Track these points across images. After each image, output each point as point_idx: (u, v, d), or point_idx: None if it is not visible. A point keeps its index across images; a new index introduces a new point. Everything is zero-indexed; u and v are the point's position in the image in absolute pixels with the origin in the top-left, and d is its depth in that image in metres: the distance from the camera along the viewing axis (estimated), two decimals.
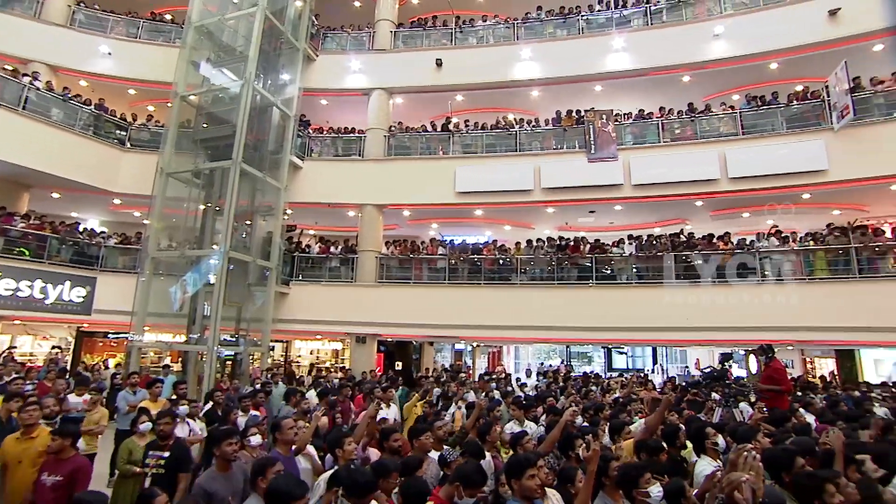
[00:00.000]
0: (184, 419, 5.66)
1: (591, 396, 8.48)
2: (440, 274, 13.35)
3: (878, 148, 11.25)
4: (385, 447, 4.39)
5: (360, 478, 2.93)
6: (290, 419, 4.32)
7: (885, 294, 10.47)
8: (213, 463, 3.74)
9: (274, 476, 2.99)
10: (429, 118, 15.59)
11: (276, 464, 3.15)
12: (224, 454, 3.61)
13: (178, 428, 5.50)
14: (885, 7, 11.84)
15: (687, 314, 11.36)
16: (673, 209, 13.94)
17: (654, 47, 13.56)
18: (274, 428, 4.15)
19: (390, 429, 4.58)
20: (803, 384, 11.70)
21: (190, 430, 5.66)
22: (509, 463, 3.22)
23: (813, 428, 5.95)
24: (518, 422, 6.07)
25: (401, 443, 4.40)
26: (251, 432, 4.30)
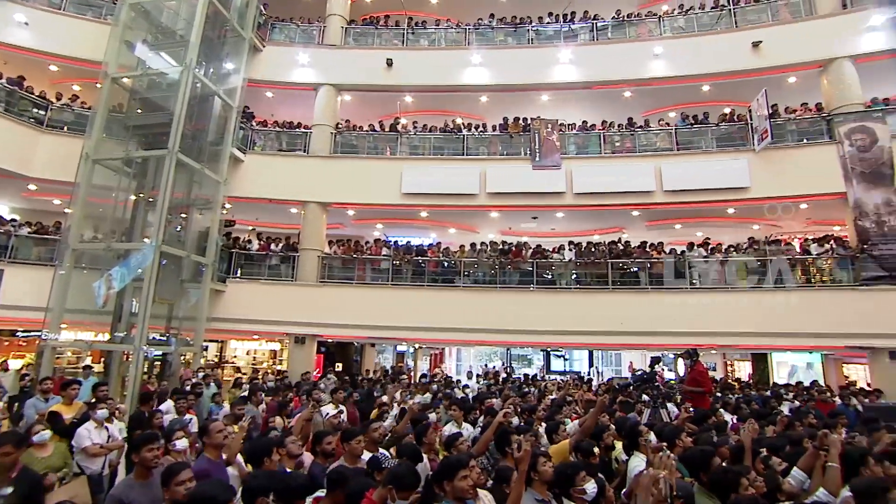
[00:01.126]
0: (102, 423, 5.30)
1: (528, 398, 8.70)
2: (384, 275, 13.26)
3: (790, 170, 12.28)
4: (318, 450, 4.31)
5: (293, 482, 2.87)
6: (220, 422, 4.15)
7: (793, 303, 11.44)
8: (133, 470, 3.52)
9: (189, 483, 2.84)
10: (377, 118, 15.45)
11: (184, 471, 2.94)
12: (143, 460, 3.37)
13: (96, 433, 5.16)
14: (797, 44, 12.99)
15: (621, 319, 11.88)
16: (611, 218, 14.54)
17: (598, 62, 14.09)
18: (202, 431, 3.97)
19: (323, 432, 4.49)
20: (723, 385, 12.53)
21: (109, 435, 5.31)
22: (441, 465, 3.24)
23: (729, 426, 6.42)
24: (456, 423, 6.12)
25: (334, 446, 4.33)
26: (176, 436, 4.08)
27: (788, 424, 6.19)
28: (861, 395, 10.32)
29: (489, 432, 4.71)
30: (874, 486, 2.64)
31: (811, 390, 10.61)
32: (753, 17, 14.00)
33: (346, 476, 3.31)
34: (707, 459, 3.51)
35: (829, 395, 10.19)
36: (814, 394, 10.16)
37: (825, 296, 11.52)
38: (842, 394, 10.16)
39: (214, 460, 3.76)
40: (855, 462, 3.41)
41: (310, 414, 4.77)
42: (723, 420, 6.69)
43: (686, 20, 14.52)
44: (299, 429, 4.53)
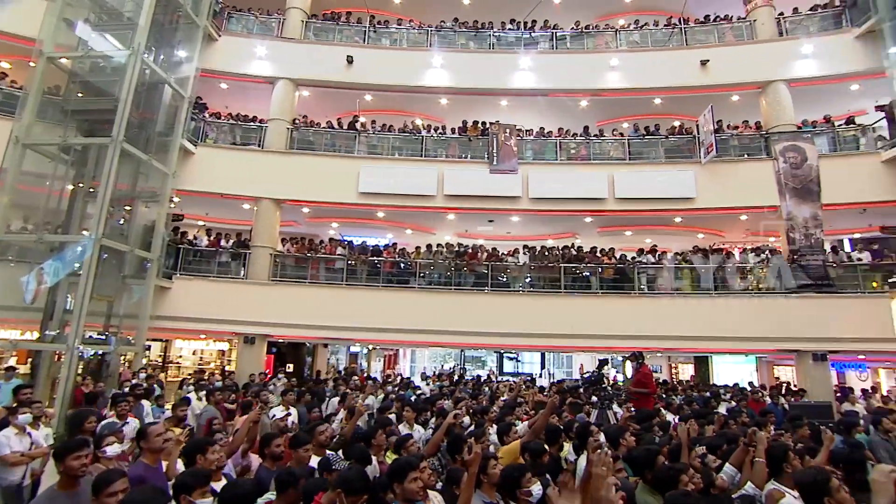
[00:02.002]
0: (24, 429, 4.94)
1: (480, 399, 8.79)
2: (338, 274, 13.06)
3: (732, 182, 12.97)
4: (266, 453, 4.20)
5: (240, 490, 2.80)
6: (159, 425, 3.97)
7: (733, 309, 12.09)
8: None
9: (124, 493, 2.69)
10: (335, 115, 15.23)
11: (119, 480, 2.74)
12: (69, 469, 3.08)
13: (16, 440, 4.82)
14: (740, 65, 13.77)
15: (572, 322, 12.19)
16: (565, 223, 14.90)
17: (557, 70, 14.42)
18: (140, 435, 3.77)
19: (271, 434, 4.38)
20: (667, 387, 13.08)
21: (32, 441, 4.95)
22: (392, 467, 3.23)
23: (672, 425, 6.69)
24: (409, 425, 6.12)
25: (283, 449, 4.23)
26: (107, 441, 3.84)
27: (724, 423, 6.52)
28: (788, 394, 11.02)
29: (439, 434, 4.73)
30: (819, 478, 2.79)
31: (746, 391, 11.25)
32: (702, 37, 14.74)
33: (297, 476, 3.25)
34: (652, 458, 3.64)
35: (762, 395, 10.83)
36: (748, 394, 10.77)
37: (760, 302, 12.20)
38: (771, 394, 10.83)
39: (152, 466, 3.57)
40: (778, 457, 3.63)
41: (257, 416, 4.63)
42: (665, 420, 6.96)
43: (641, 35, 15.11)
44: (245, 431, 4.39)
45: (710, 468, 4.07)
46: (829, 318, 11.51)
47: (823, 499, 2.68)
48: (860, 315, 11.17)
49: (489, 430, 5.55)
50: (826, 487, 2.70)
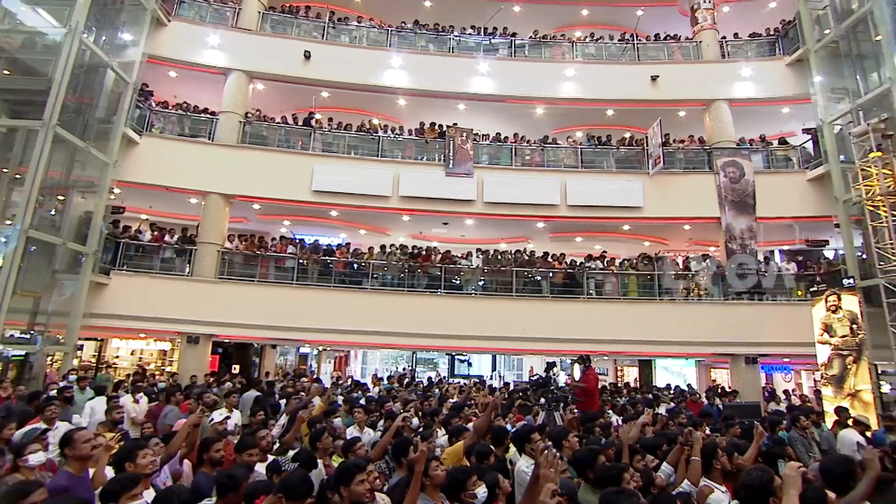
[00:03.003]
0: None
1: (430, 402, 8.79)
2: (288, 273, 12.75)
3: (677, 194, 13.59)
4: (205, 458, 4.04)
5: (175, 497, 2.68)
6: (88, 431, 3.73)
7: (675, 314, 12.67)
8: None
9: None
10: (291, 110, 14.90)
11: (36, 491, 2.55)
12: None
13: None
14: (687, 83, 14.49)
15: (523, 325, 12.40)
16: (518, 228, 15.13)
17: (515, 77, 14.66)
18: (64, 442, 3.51)
19: (211, 438, 4.22)
20: (612, 389, 13.51)
21: None
22: (339, 470, 3.18)
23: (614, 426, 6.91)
24: (358, 427, 6.05)
25: (223, 454, 4.08)
26: (30, 449, 3.56)
27: (665, 424, 6.80)
28: (723, 395, 11.64)
29: (387, 436, 4.70)
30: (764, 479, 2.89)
31: (685, 393, 11.79)
32: (653, 53, 15.41)
33: (239, 479, 3.13)
34: (594, 458, 3.74)
35: (699, 397, 11.39)
36: (687, 396, 11.29)
37: (699, 309, 12.85)
38: (708, 395, 11.40)
39: (77, 475, 3.32)
40: (708, 455, 3.82)
41: (197, 419, 4.42)
42: (609, 421, 7.18)
43: (596, 48, 15.63)
44: (184, 436, 4.18)
45: (649, 467, 4.24)
46: (760, 324, 12.26)
47: (769, 499, 2.75)
48: (786, 321, 11.94)
49: (437, 431, 5.57)
50: (769, 486, 2.81)
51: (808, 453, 6.11)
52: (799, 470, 2.46)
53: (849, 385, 9.68)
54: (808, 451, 6.19)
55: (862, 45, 12.07)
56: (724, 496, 3.58)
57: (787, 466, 2.58)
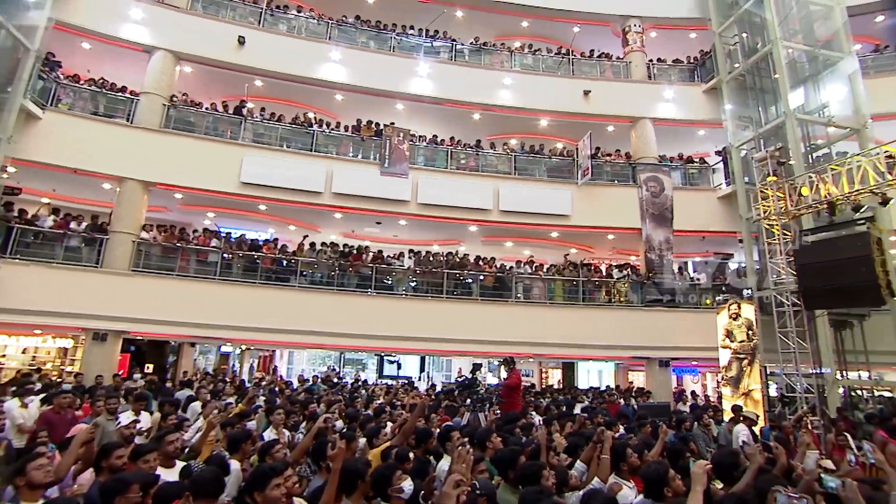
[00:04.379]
0: None
1: (356, 403, 8.66)
2: (211, 268, 12.09)
3: (603, 204, 14.30)
4: (104, 466, 3.70)
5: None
6: None
7: (597, 319, 13.30)
8: None
9: None
10: (221, 97, 14.19)
11: None
12: None
13: None
14: (616, 100, 15.30)
15: (453, 327, 12.54)
16: (451, 230, 15.26)
17: (454, 81, 14.81)
18: None
19: (112, 444, 3.88)
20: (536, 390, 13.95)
21: None
22: (252, 474, 3.04)
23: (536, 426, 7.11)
24: (275, 429, 5.83)
25: (125, 461, 3.77)
26: None
27: (583, 424, 7.08)
28: (638, 396, 12.36)
29: (308, 438, 4.56)
30: (660, 471, 3.23)
31: (604, 393, 12.39)
32: (587, 69, 16.13)
33: (128, 483, 2.86)
34: (515, 458, 3.83)
35: (617, 398, 12.00)
36: (605, 396, 11.87)
37: (619, 314, 13.57)
38: (624, 396, 12.05)
39: None
40: (618, 454, 4.04)
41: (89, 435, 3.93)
42: (531, 421, 7.38)
43: (534, 59, 16.12)
44: (73, 457, 3.75)
45: (564, 466, 4.41)
46: (672, 330, 13.15)
47: (664, 488, 3.15)
48: (695, 327, 12.86)
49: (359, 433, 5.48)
50: (665, 478, 3.18)
51: (707, 448, 6.66)
52: (705, 468, 2.67)
53: (743, 385, 10.59)
54: (707, 446, 6.76)
55: (764, 81, 13.33)
56: (632, 492, 3.77)
57: (695, 465, 2.79)
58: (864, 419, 8.99)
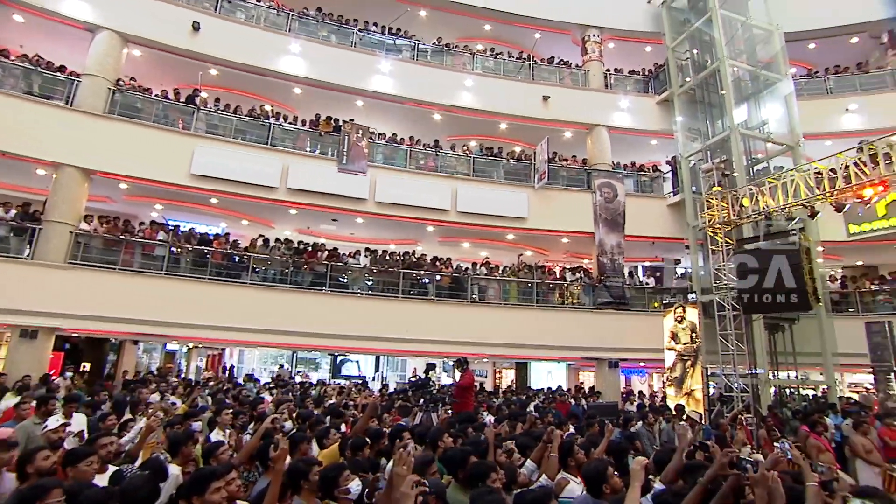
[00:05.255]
0: None
1: (307, 403, 8.50)
2: (157, 262, 11.55)
3: (559, 208, 14.63)
4: (29, 472, 3.46)
5: None
6: None
7: (550, 320, 13.58)
8: None
9: None
10: (173, 84, 13.59)
11: None
12: None
13: None
14: (574, 107, 15.69)
15: (408, 326, 12.50)
16: (408, 230, 15.22)
17: (415, 81, 14.77)
18: None
19: (35, 449, 3.63)
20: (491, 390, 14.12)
21: None
22: (191, 477, 2.92)
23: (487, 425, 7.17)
24: (222, 430, 5.64)
25: (53, 465, 3.54)
26: None
27: (532, 423, 7.22)
28: (588, 396, 12.71)
29: (254, 439, 4.44)
30: (599, 468, 3.39)
31: (555, 393, 12.68)
32: (546, 75, 16.46)
33: (48, 487, 2.68)
34: (465, 457, 3.85)
35: (568, 397, 12.31)
36: (556, 396, 12.15)
37: (571, 316, 13.91)
38: (575, 396, 12.37)
39: None
40: (566, 451, 4.14)
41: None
42: (482, 421, 7.45)
43: (495, 63, 16.29)
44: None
45: (514, 464, 4.47)
46: (621, 332, 13.61)
47: (603, 485, 3.29)
48: (643, 329, 13.36)
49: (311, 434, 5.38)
50: (604, 475, 3.32)
51: (651, 445, 6.94)
52: (643, 465, 2.78)
53: (686, 385, 11.10)
54: (651, 444, 7.04)
55: (712, 96, 14.05)
56: (579, 487, 3.87)
57: (633, 462, 2.90)
58: (790, 415, 9.63)
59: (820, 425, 7.33)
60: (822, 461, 6.23)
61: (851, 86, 16.08)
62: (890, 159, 8.02)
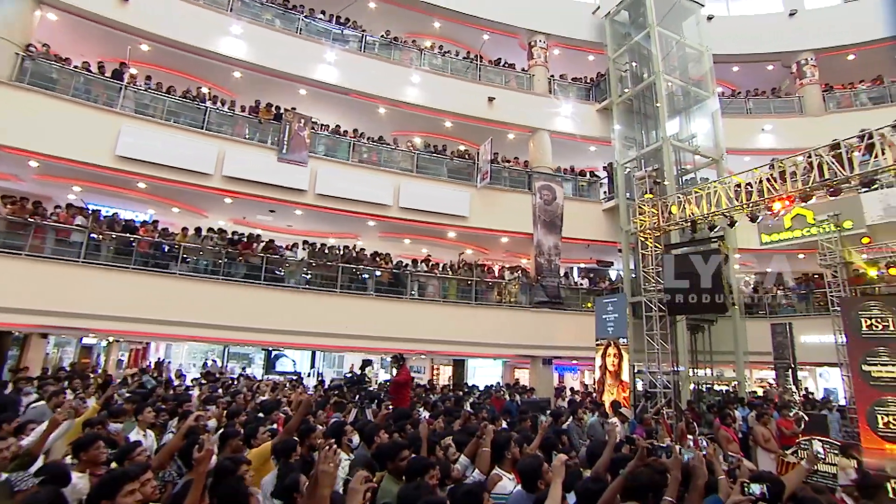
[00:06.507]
0: None
1: (239, 400, 8.17)
2: (74, 249, 10.63)
3: (500, 208, 14.91)
4: None
5: None
6: None
7: (487, 318, 13.83)
8: None
9: None
10: (96, 57, 12.58)
11: None
12: None
13: None
14: (518, 110, 16.02)
15: (346, 322, 12.30)
16: (349, 224, 14.96)
17: (361, 73, 14.54)
18: None
19: None
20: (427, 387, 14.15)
21: None
22: (101, 481, 2.72)
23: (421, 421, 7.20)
24: (142, 430, 5.32)
25: None
26: None
27: (467, 419, 7.32)
28: (522, 392, 13.03)
29: (176, 438, 4.20)
30: (534, 464, 3.50)
31: (490, 390, 12.90)
32: (493, 76, 16.71)
33: None
34: (397, 451, 3.85)
35: (503, 394, 12.55)
36: (491, 393, 12.36)
37: (508, 314, 14.23)
38: (510, 392, 12.65)
39: None
40: (500, 446, 4.23)
41: None
42: (418, 417, 7.47)
43: (443, 61, 16.33)
44: None
45: (449, 460, 4.52)
46: (555, 330, 14.08)
47: (537, 481, 3.41)
48: (576, 328, 13.90)
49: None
50: (538, 471, 3.45)
51: (581, 440, 7.22)
52: (563, 461, 2.90)
53: (616, 381, 11.65)
54: (581, 439, 7.33)
55: (647, 108, 14.83)
56: (511, 482, 3.97)
57: (556, 458, 3.01)
58: (706, 409, 10.38)
59: (729, 417, 8.06)
60: (731, 451, 6.77)
61: (767, 108, 17.76)
62: (795, 177, 8.80)
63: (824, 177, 8.41)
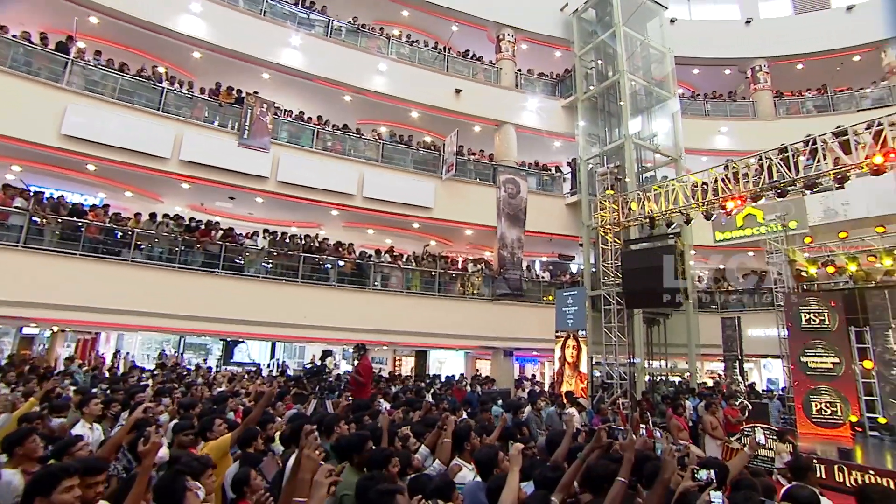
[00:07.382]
0: None
1: (195, 391, 7.95)
2: (13, 233, 9.97)
3: (464, 200, 14.96)
4: None
5: None
6: None
7: (449, 310, 13.90)
8: None
9: None
10: (39, 26, 11.80)
11: None
12: None
13: None
14: (484, 102, 16.07)
15: (307, 312, 12.11)
16: (311, 213, 14.70)
17: (327, 58, 14.22)
18: None
19: None
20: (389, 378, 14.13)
21: None
22: (35, 477, 2.57)
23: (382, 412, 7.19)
24: (86, 423, 5.08)
25: None
26: None
27: (428, 410, 7.35)
28: (483, 383, 13.19)
29: (122, 431, 4.05)
30: (491, 454, 3.58)
31: (452, 381, 13.01)
32: (460, 68, 16.65)
33: None
34: (361, 442, 3.84)
35: (465, 384, 12.68)
36: (453, 384, 12.47)
37: (470, 306, 14.34)
38: (471, 383, 12.78)
39: None
40: (461, 437, 4.27)
41: None
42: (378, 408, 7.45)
43: (411, 50, 16.16)
44: None
45: (409, 451, 4.53)
46: (517, 322, 14.29)
47: (494, 470, 3.47)
48: (537, 321, 14.15)
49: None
50: (495, 460, 3.53)
51: (539, 430, 7.39)
52: (519, 450, 2.97)
53: (574, 373, 11.94)
54: (539, 428, 7.50)
55: (611, 105, 15.15)
56: (471, 472, 4.02)
57: (512, 448, 3.07)
58: (660, 399, 10.79)
59: (680, 407, 8.44)
60: (682, 439, 7.08)
61: (724, 111, 18.48)
62: (747, 178, 9.19)
63: (773, 178, 8.80)
